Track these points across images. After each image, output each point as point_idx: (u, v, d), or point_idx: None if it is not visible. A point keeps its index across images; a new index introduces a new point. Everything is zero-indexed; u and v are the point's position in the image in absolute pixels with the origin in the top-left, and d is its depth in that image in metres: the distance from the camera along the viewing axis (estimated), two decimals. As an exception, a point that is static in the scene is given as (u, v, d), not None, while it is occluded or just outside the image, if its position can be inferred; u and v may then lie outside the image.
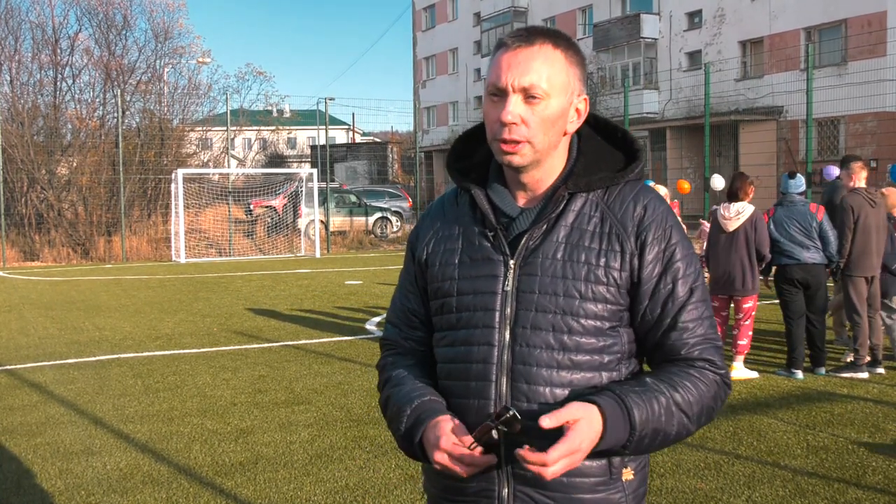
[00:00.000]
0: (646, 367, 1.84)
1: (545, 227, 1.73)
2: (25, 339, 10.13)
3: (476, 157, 1.88)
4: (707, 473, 5.08)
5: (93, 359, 8.90)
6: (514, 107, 1.68)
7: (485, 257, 1.77)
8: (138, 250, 23.43)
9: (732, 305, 7.84)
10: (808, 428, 6.01)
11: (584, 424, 1.56)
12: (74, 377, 7.99)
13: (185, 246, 22.65)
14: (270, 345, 9.63)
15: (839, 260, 7.77)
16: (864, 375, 7.58)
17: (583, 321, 1.69)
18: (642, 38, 36.37)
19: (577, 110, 1.77)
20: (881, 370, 7.73)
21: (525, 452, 1.54)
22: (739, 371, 7.60)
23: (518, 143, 1.69)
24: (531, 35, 1.71)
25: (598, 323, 1.70)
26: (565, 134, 1.76)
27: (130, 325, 11.19)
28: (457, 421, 1.69)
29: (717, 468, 5.17)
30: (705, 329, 1.73)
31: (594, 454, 1.61)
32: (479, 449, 1.62)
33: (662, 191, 8.34)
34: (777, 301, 7.97)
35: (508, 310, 1.72)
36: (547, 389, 1.68)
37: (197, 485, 5.01)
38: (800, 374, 7.57)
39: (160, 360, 8.82)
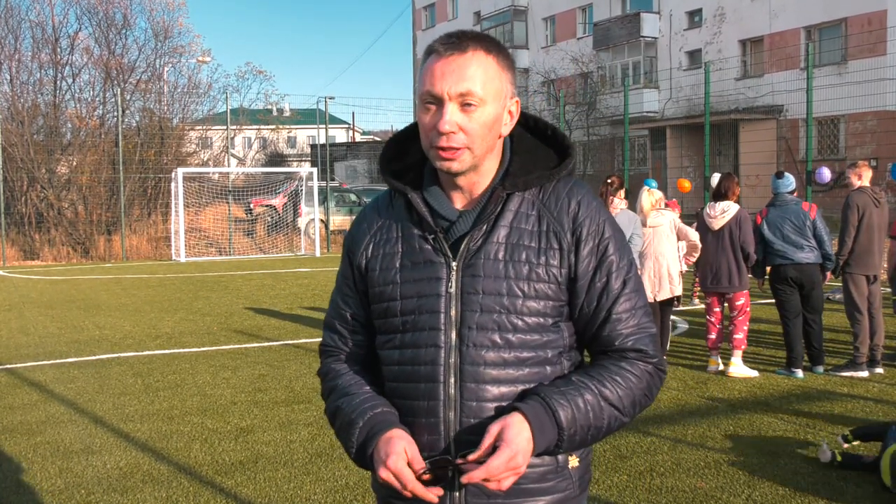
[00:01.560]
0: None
1: (485, 228, 1.76)
2: (25, 338, 10.13)
3: (409, 158, 1.87)
4: (707, 472, 5.08)
5: (93, 358, 8.90)
6: (452, 115, 1.69)
7: (426, 260, 1.78)
8: (138, 249, 23.43)
9: (726, 304, 7.91)
10: (809, 427, 6.01)
11: (509, 432, 1.61)
12: (74, 376, 7.99)
13: (185, 245, 22.65)
14: (270, 344, 9.63)
15: (839, 257, 7.79)
16: (864, 374, 7.59)
17: (526, 318, 1.73)
18: (642, 37, 36.36)
19: (510, 113, 1.79)
20: (880, 370, 7.73)
21: (471, 475, 1.60)
22: (739, 368, 7.62)
23: (457, 150, 1.70)
24: (462, 41, 1.71)
25: (541, 319, 1.74)
26: (500, 137, 1.79)
27: (130, 323, 11.20)
28: (409, 437, 1.71)
29: (716, 467, 5.17)
30: (638, 319, 1.78)
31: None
32: (427, 477, 1.65)
33: (658, 194, 8.37)
34: (774, 301, 7.97)
35: (453, 311, 1.74)
36: (495, 387, 1.72)
37: (197, 484, 5.01)
38: (800, 373, 7.57)
39: (160, 359, 8.82)
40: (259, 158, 39.56)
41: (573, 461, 1.80)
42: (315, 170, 25.43)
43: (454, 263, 1.76)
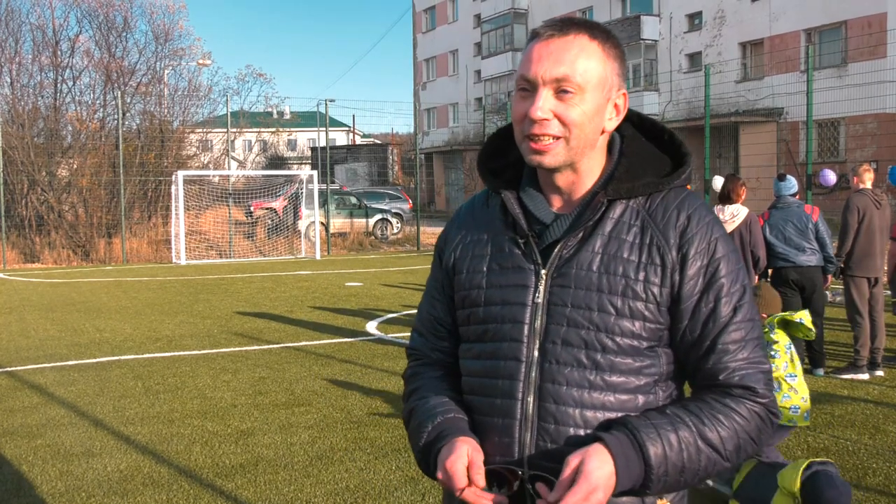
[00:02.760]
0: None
1: (581, 235, 1.61)
2: (26, 341, 10.13)
3: (511, 156, 1.74)
4: (707, 475, 5.06)
5: (93, 360, 8.90)
6: (545, 101, 1.55)
7: (515, 266, 1.65)
8: (139, 252, 23.43)
9: None
10: (809, 429, 6.00)
11: (589, 464, 1.46)
12: (75, 379, 7.99)
13: (186, 248, 22.65)
14: (271, 346, 9.63)
15: (838, 258, 7.78)
16: (865, 376, 7.58)
17: (618, 339, 1.57)
18: (642, 39, 36.40)
19: (616, 106, 1.64)
20: (880, 372, 7.73)
21: (545, 497, 1.49)
22: None
23: (549, 141, 1.57)
24: (566, 25, 1.59)
25: (635, 342, 1.58)
26: (603, 132, 1.63)
27: (131, 326, 11.19)
28: (476, 444, 1.60)
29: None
30: (749, 352, 1.58)
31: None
32: (482, 484, 1.54)
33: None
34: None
35: (538, 323, 1.61)
36: (577, 411, 1.57)
37: (197, 486, 5.01)
38: (800, 376, 7.56)
39: (160, 361, 8.82)
40: (259, 161, 39.59)
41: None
42: (315, 172, 25.43)
43: (543, 271, 1.62)
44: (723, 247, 1.60)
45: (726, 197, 7.84)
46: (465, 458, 1.55)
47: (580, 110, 1.57)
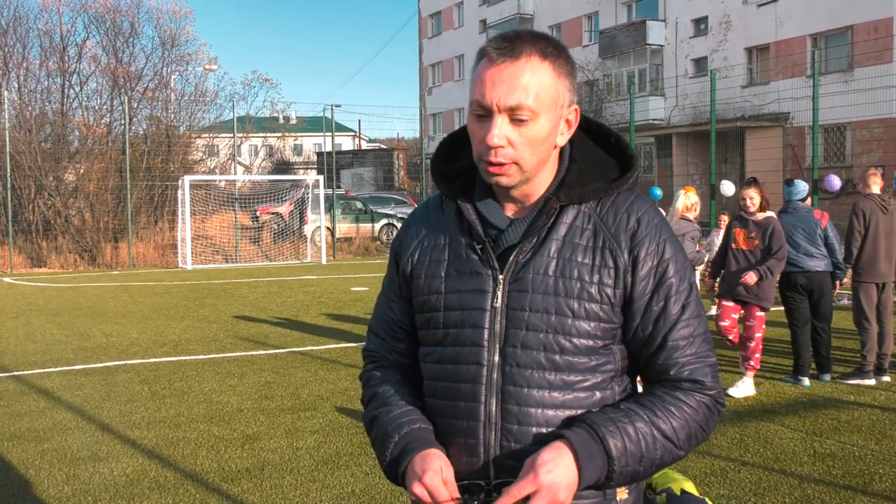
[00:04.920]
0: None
1: (535, 240, 1.66)
2: (32, 346, 10.16)
3: (462, 160, 1.78)
4: (713, 480, 5.07)
5: (100, 365, 8.92)
6: (500, 129, 1.59)
7: (472, 271, 1.69)
8: (145, 257, 23.49)
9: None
10: (815, 435, 5.99)
11: (547, 465, 1.51)
12: (81, 383, 8.01)
13: (192, 252, 22.70)
14: (276, 351, 9.64)
15: (846, 264, 7.78)
16: (871, 382, 7.56)
17: (575, 340, 1.63)
18: (648, 44, 36.39)
19: (568, 122, 1.68)
20: (887, 378, 7.71)
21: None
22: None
23: (504, 164, 1.61)
24: (516, 48, 1.60)
25: (591, 342, 1.64)
26: (556, 147, 1.68)
27: (137, 331, 11.22)
28: (445, 457, 1.64)
29: (723, 475, 5.16)
30: (696, 348, 1.66)
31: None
32: (458, 499, 1.58)
33: (693, 198, 8.28)
34: (782, 308, 7.96)
35: (498, 327, 1.65)
36: (538, 411, 1.63)
37: (203, 491, 5.02)
38: (806, 381, 7.55)
39: (167, 366, 8.84)
40: (265, 166, 39.70)
41: (621, 493, 1.69)
42: (321, 177, 25.50)
43: (501, 277, 1.66)
44: (671, 248, 1.68)
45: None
46: (440, 473, 1.59)
47: (534, 135, 1.61)
